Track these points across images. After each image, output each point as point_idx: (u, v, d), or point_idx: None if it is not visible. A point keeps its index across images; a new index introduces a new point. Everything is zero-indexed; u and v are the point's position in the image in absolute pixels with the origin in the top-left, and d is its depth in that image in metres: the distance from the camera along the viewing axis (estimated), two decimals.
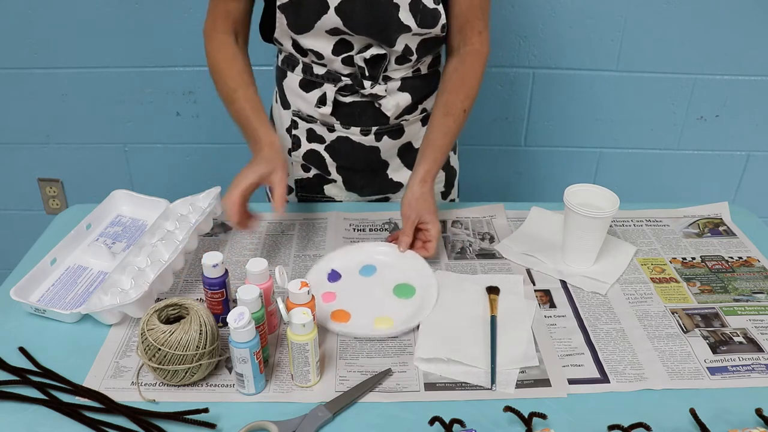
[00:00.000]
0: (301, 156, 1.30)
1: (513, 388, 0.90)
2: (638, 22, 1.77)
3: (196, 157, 2.00)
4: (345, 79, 1.19)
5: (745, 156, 1.99)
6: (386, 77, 1.19)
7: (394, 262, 1.13)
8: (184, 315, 0.91)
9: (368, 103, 1.21)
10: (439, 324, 1.01)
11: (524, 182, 2.02)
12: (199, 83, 1.87)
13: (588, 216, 1.08)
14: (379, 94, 1.19)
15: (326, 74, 1.19)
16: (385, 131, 1.25)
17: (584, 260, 1.14)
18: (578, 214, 1.09)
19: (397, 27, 1.12)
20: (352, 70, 1.18)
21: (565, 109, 1.91)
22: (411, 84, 1.22)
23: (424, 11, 1.11)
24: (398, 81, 1.20)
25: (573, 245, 1.13)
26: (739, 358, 0.96)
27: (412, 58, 1.18)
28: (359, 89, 1.19)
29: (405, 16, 1.11)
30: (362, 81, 1.18)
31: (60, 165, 2.03)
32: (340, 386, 0.90)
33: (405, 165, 1.30)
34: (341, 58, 1.16)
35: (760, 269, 1.16)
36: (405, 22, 1.11)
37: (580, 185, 1.15)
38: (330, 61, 1.17)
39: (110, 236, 1.21)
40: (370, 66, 1.17)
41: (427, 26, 1.13)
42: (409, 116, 1.25)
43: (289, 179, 1.33)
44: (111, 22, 1.79)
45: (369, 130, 1.24)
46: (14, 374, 0.91)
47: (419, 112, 1.26)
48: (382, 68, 1.17)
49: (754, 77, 1.86)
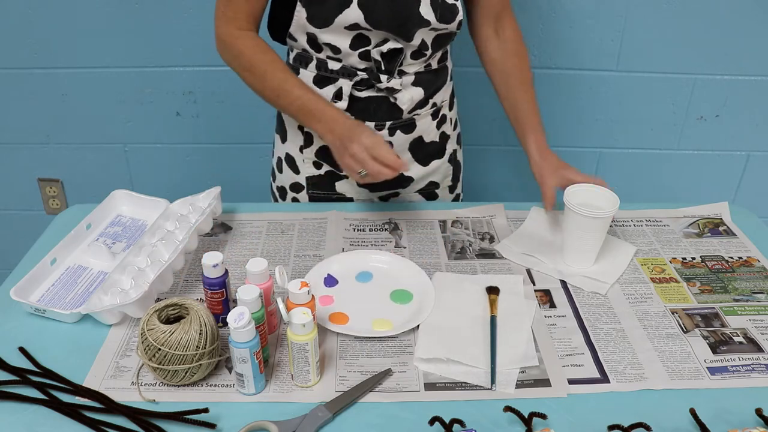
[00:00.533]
0: (313, 153, 1.30)
1: (513, 388, 0.90)
2: (638, 22, 1.77)
3: (196, 157, 2.00)
4: (361, 74, 1.19)
5: (745, 156, 1.99)
6: (401, 71, 1.20)
7: (390, 269, 1.13)
8: (184, 315, 0.91)
9: (383, 98, 1.22)
10: (439, 324, 1.01)
11: (524, 182, 2.01)
12: (199, 83, 1.87)
13: (588, 216, 1.08)
14: (395, 88, 1.20)
15: (341, 69, 1.20)
16: (399, 126, 1.25)
17: (584, 260, 1.14)
18: (578, 214, 1.09)
19: (417, 21, 1.13)
20: (369, 65, 1.19)
21: (565, 109, 1.91)
22: (424, 78, 1.23)
23: (444, 6, 1.14)
24: (412, 75, 1.22)
25: (573, 245, 1.13)
26: (739, 358, 0.96)
27: (427, 53, 1.20)
28: (375, 83, 1.19)
29: (426, 11, 1.13)
30: (378, 75, 1.18)
31: (60, 165, 2.03)
32: (340, 386, 0.90)
33: (416, 160, 1.31)
34: (358, 53, 1.17)
35: (760, 269, 1.16)
36: (425, 17, 1.13)
37: (580, 185, 1.15)
38: (346, 56, 1.18)
39: (110, 236, 1.21)
40: (386, 60, 1.17)
41: (446, 21, 1.15)
42: (421, 110, 1.26)
43: (299, 176, 1.34)
44: (111, 22, 1.79)
45: (383, 124, 1.24)
46: (14, 374, 0.91)
47: (430, 106, 1.27)
48: (398, 62, 1.18)
49: (754, 77, 1.85)
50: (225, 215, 1.27)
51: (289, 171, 1.34)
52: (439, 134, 1.32)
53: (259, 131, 1.92)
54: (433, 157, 1.33)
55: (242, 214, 1.29)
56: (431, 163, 1.33)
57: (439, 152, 1.34)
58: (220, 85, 1.87)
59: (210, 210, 1.19)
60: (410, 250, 1.20)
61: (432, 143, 1.32)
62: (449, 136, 1.36)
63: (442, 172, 1.37)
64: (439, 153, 1.34)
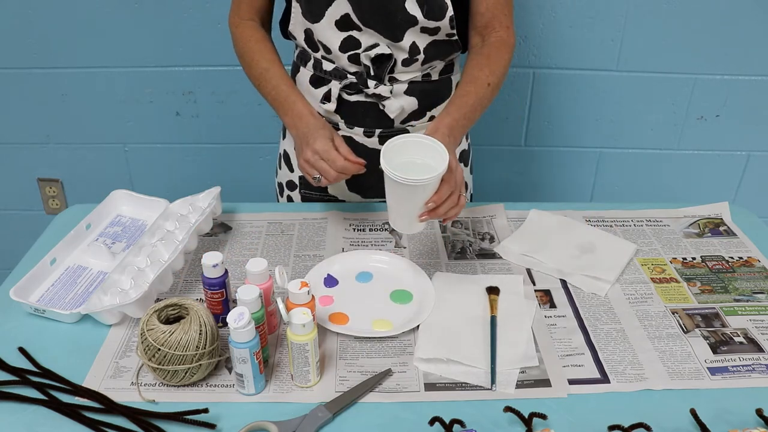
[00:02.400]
0: None
1: (513, 389, 0.90)
2: (638, 22, 1.77)
3: (196, 157, 2.00)
4: (351, 77, 1.19)
5: (746, 156, 1.99)
6: (393, 78, 1.19)
7: (390, 269, 1.13)
8: (184, 315, 0.91)
9: (372, 104, 1.21)
10: (439, 324, 1.01)
11: (524, 182, 2.02)
12: (199, 83, 1.87)
13: (406, 184, 0.96)
14: (383, 95, 1.19)
15: (334, 71, 1.20)
16: (389, 135, 1.24)
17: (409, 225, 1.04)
18: (397, 182, 0.96)
19: (404, 17, 1.12)
20: (359, 69, 1.18)
21: (565, 109, 1.91)
22: (419, 88, 1.21)
23: (431, 2, 1.11)
24: (405, 84, 1.20)
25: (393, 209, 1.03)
26: (740, 359, 0.96)
27: (419, 58, 1.17)
28: (363, 88, 1.19)
29: (411, 5, 1.11)
30: (366, 80, 1.18)
31: (60, 165, 2.03)
32: (340, 386, 0.90)
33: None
34: (348, 55, 1.17)
35: (761, 269, 1.16)
36: (411, 12, 1.11)
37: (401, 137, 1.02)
38: (337, 58, 1.18)
39: (110, 236, 1.21)
40: (375, 65, 1.17)
41: (434, 18, 1.12)
42: (416, 122, 1.25)
43: (293, 175, 1.33)
44: (111, 22, 1.79)
45: (372, 131, 1.23)
46: (14, 374, 0.91)
47: (427, 118, 1.25)
48: (387, 68, 1.17)
49: (754, 77, 1.85)
50: (225, 215, 1.27)
51: (286, 168, 1.35)
52: None
53: (258, 131, 1.92)
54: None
55: (242, 214, 1.29)
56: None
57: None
58: (220, 85, 1.87)
59: (210, 210, 1.19)
60: (410, 250, 1.20)
61: None
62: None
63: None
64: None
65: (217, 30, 1.77)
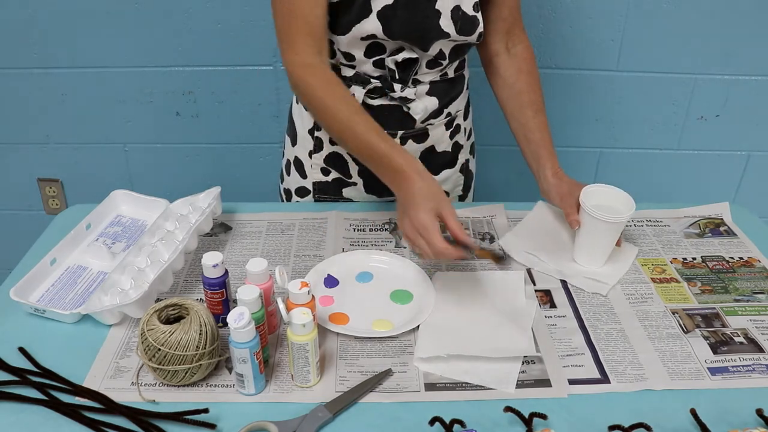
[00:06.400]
0: (322, 159, 1.29)
1: (513, 388, 0.90)
2: (638, 22, 1.77)
3: (196, 157, 2.00)
4: (374, 82, 1.17)
5: (746, 156, 1.99)
6: (416, 81, 1.18)
7: (390, 269, 1.13)
8: (184, 315, 0.91)
9: (396, 107, 1.20)
10: (439, 324, 1.01)
11: (524, 182, 2.01)
12: (199, 83, 1.87)
13: (604, 220, 1.08)
14: (408, 98, 1.18)
15: (354, 76, 1.18)
16: (411, 135, 1.24)
17: (595, 261, 1.14)
18: (593, 217, 1.08)
19: (437, 34, 1.11)
20: (382, 73, 1.17)
21: (565, 109, 1.91)
22: (439, 88, 1.21)
23: (464, 18, 1.12)
24: (427, 85, 1.20)
25: (585, 246, 1.13)
26: (740, 359, 0.96)
27: (444, 63, 1.18)
28: (389, 92, 1.18)
29: (446, 23, 1.11)
30: (392, 84, 1.17)
31: (60, 165, 2.03)
32: (340, 386, 0.90)
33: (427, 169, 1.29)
34: (372, 61, 1.15)
35: (761, 269, 1.16)
36: (445, 30, 1.11)
37: (596, 186, 1.14)
38: (360, 63, 1.16)
39: (110, 236, 1.21)
40: (400, 69, 1.16)
41: (466, 34, 1.13)
42: (435, 120, 1.24)
43: (306, 181, 1.33)
44: (111, 22, 1.79)
45: (395, 133, 1.22)
46: (14, 374, 0.91)
47: (444, 116, 1.25)
48: (413, 72, 1.16)
49: (754, 77, 1.86)
50: (225, 215, 1.27)
51: (297, 175, 1.33)
52: (452, 144, 1.30)
53: (258, 131, 1.92)
54: (445, 166, 1.32)
55: (242, 214, 1.29)
56: (442, 172, 1.32)
57: (451, 162, 1.33)
58: (220, 85, 1.87)
59: (210, 210, 1.19)
60: (410, 250, 1.20)
61: (444, 153, 1.30)
62: (462, 146, 1.34)
63: (453, 181, 1.36)
64: (450, 163, 1.33)
65: (217, 30, 1.77)
